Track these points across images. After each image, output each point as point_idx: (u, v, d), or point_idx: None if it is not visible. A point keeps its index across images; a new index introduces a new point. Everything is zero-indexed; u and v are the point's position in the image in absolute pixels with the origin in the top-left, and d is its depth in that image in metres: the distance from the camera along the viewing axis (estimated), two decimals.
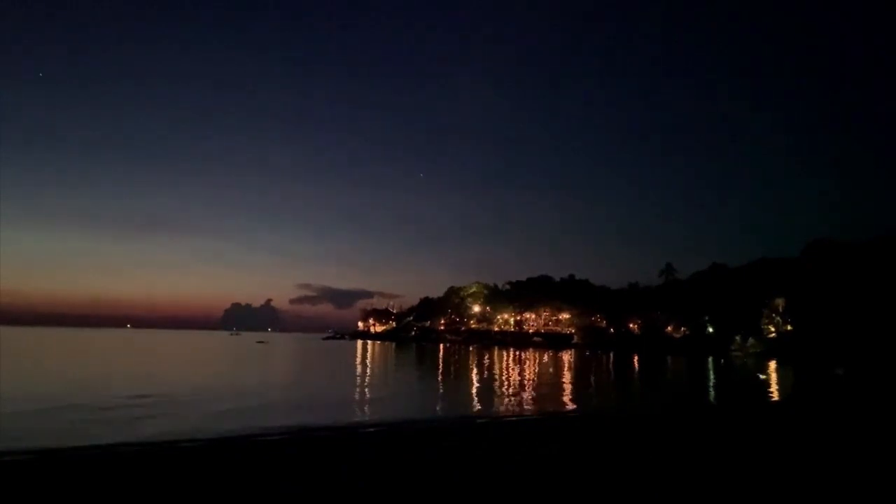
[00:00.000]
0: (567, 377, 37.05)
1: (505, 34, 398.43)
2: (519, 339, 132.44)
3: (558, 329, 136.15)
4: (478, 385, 29.73)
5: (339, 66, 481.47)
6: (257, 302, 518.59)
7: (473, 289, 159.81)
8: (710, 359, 71.90)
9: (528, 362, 54.95)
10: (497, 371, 40.85)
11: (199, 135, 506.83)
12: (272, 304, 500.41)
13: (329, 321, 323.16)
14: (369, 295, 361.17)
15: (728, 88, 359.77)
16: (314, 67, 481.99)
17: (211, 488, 7.74)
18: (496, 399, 23.18)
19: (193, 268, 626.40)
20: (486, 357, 64.90)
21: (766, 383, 34.78)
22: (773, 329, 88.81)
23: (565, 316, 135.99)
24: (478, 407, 20.74)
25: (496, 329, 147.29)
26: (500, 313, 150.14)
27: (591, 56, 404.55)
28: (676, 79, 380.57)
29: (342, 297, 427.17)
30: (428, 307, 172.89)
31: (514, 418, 17.57)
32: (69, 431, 13.05)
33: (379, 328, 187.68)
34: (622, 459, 9.80)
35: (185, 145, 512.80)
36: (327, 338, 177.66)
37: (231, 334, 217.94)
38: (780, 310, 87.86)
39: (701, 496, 7.56)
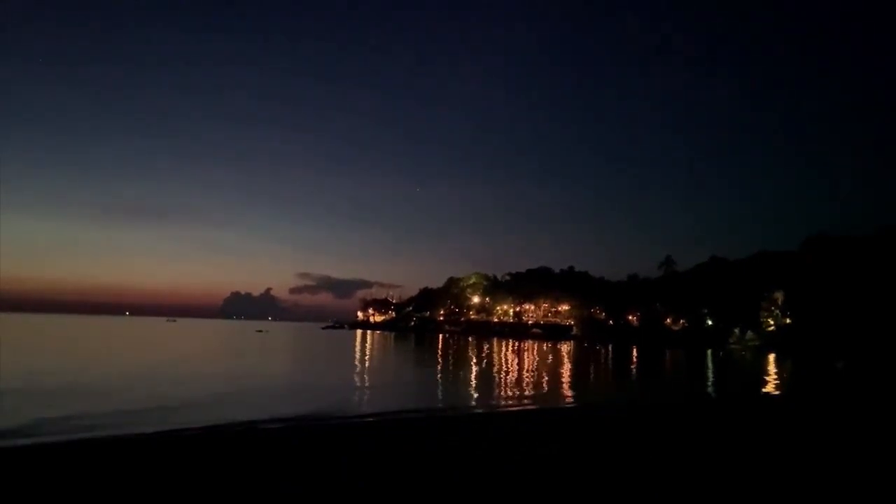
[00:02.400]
0: (566, 369, 37.09)
1: (508, 26, 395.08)
2: (518, 331, 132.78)
3: (557, 320, 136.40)
4: (476, 376, 29.74)
5: (340, 54, 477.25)
6: (257, 291, 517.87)
7: (473, 280, 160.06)
8: (709, 351, 72.13)
9: (526, 353, 55.05)
10: (496, 362, 40.91)
11: (199, 123, 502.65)
12: (272, 292, 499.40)
13: (328, 311, 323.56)
14: (369, 285, 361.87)
15: (729, 82, 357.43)
16: (315, 54, 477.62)
17: (210, 478, 7.66)
18: (495, 390, 23.17)
19: (193, 256, 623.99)
20: (485, 348, 65.05)
21: (766, 377, 34.83)
22: (771, 322, 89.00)
23: (564, 307, 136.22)
24: (476, 398, 20.70)
25: (495, 320, 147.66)
26: (500, 304, 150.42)
27: (593, 48, 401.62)
28: (678, 72, 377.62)
29: (342, 287, 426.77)
30: (427, 298, 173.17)
31: (512, 410, 17.55)
32: (65, 422, 12.94)
33: (378, 318, 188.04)
34: (621, 452, 9.73)
35: (185, 133, 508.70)
36: (327, 327, 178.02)
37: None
38: (779, 303, 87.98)
39: (700, 490, 7.49)
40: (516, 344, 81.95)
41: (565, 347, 73.96)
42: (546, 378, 29.24)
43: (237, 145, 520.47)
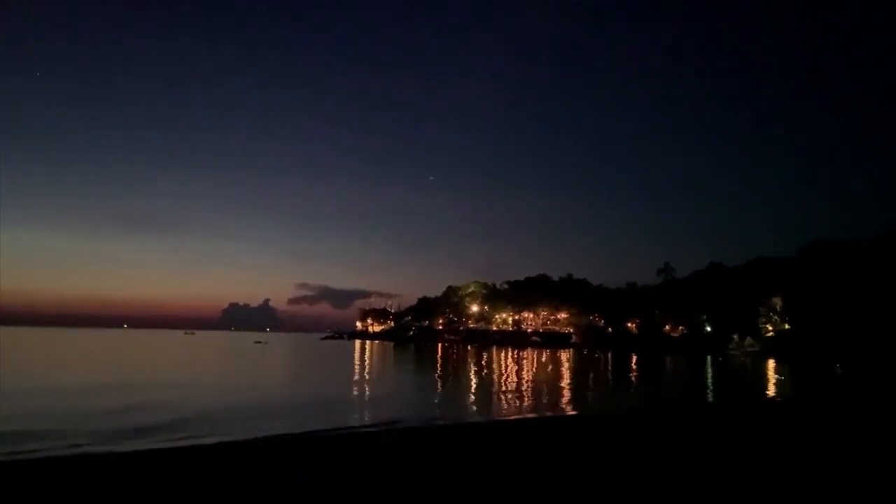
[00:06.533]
0: (565, 377, 37.06)
1: (507, 34, 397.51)
2: (517, 339, 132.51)
3: (556, 328, 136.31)
4: (476, 385, 29.71)
5: (339, 64, 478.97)
6: (255, 302, 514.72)
7: (472, 288, 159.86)
8: (709, 358, 72.08)
9: (526, 362, 54.97)
10: (495, 371, 40.85)
11: (196, 134, 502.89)
12: (270, 303, 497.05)
13: (327, 321, 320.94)
14: (367, 294, 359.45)
15: (726, 88, 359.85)
16: (314, 64, 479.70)
17: (207, 491, 7.70)
18: (494, 399, 23.15)
19: (191, 268, 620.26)
20: (485, 357, 64.92)
21: (765, 382, 34.86)
22: (770, 328, 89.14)
23: (563, 315, 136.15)
24: (475, 407, 20.73)
25: (494, 328, 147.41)
26: (499, 313, 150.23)
27: (592, 57, 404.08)
28: (675, 79, 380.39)
29: (340, 297, 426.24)
30: (426, 307, 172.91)
31: (511, 419, 17.57)
32: (68, 436, 12.94)
33: (377, 328, 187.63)
34: (622, 461, 9.77)
35: (182, 144, 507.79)
36: (325, 337, 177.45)
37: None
38: (778, 309, 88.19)
39: (700, 496, 7.54)
40: (516, 352, 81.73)
41: (565, 355, 73.79)
42: (545, 387, 29.20)
43: (235, 157, 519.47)
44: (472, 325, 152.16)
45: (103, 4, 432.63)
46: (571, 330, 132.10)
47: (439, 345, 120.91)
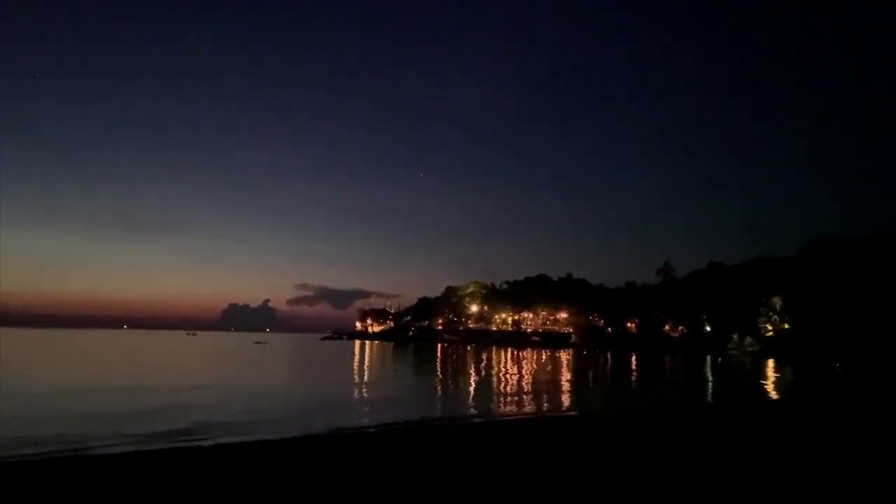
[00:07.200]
0: (565, 377, 37.06)
1: (507, 34, 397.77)
2: (517, 339, 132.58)
3: (556, 328, 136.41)
4: (475, 385, 29.72)
5: (339, 64, 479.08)
6: (255, 302, 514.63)
7: (471, 288, 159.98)
8: (708, 357, 72.10)
9: (525, 362, 54.97)
10: (495, 371, 40.87)
11: (197, 134, 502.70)
12: (270, 304, 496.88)
13: (327, 321, 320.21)
14: (367, 295, 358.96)
15: (725, 87, 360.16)
16: (314, 64, 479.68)
17: (208, 491, 7.70)
18: (494, 399, 23.17)
19: (190, 268, 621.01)
20: (484, 357, 64.92)
21: (765, 382, 34.87)
22: (770, 327, 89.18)
23: (563, 315, 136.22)
24: (475, 407, 20.73)
25: (494, 328, 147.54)
26: (498, 313, 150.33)
27: (591, 56, 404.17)
28: (674, 78, 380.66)
29: (340, 297, 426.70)
30: (426, 307, 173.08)
31: (511, 419, 17.57)
32: (70, 435, 12.95)
33: (377, 328, 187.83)
34: (622, 461, 9.78)
35: (183, 144, 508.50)
36: (325, 338, 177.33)
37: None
38: (778, 308, 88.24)
39: (700, 495, 7.54)
40: (515, 353, 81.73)
41: (564, 355, 73.80)
42: (545, 387, 29.21)
43: (234, 157, 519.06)
44: (471, 326, 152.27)
45: (103, 4, 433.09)
46: (571, 330, 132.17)
47: (439, 345, 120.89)
